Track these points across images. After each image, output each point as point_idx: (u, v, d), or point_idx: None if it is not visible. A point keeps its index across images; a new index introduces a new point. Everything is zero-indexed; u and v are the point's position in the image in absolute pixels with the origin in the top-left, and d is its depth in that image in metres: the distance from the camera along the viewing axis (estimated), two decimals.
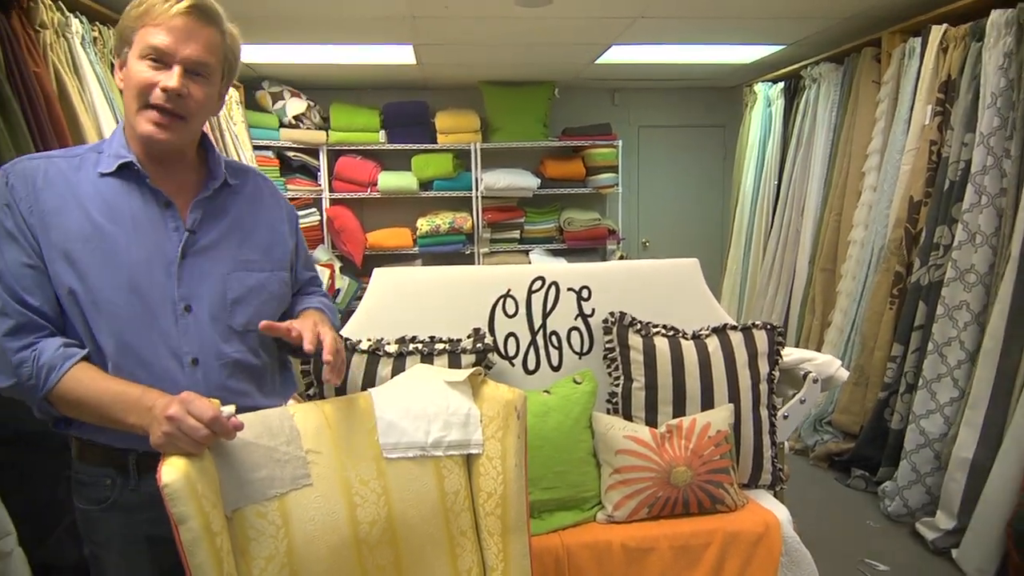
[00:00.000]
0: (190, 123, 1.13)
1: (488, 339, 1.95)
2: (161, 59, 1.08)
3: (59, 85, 2.26)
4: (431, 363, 1.83)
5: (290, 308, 1.34)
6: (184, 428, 0.99)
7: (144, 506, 1.13)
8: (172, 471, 0.96)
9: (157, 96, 1.08)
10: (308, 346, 1.13)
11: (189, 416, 0.99)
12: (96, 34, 2.57)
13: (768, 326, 2.00)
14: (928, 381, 2.76)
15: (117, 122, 2.52)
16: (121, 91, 1.14)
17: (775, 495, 1.99)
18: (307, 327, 1.16)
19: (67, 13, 2.39)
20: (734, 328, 2.00)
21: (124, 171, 1.13)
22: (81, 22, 2.47)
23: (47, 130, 2.10)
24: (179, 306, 1.14)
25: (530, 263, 4.76)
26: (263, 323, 1.15)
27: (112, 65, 2.65)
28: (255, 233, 1.25)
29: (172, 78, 1.08)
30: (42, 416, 1.12)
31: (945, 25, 2.98)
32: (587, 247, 5.01)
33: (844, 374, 2.10)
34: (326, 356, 1.16)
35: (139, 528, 1.14)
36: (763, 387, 1.95)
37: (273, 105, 4.51)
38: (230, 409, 1.04)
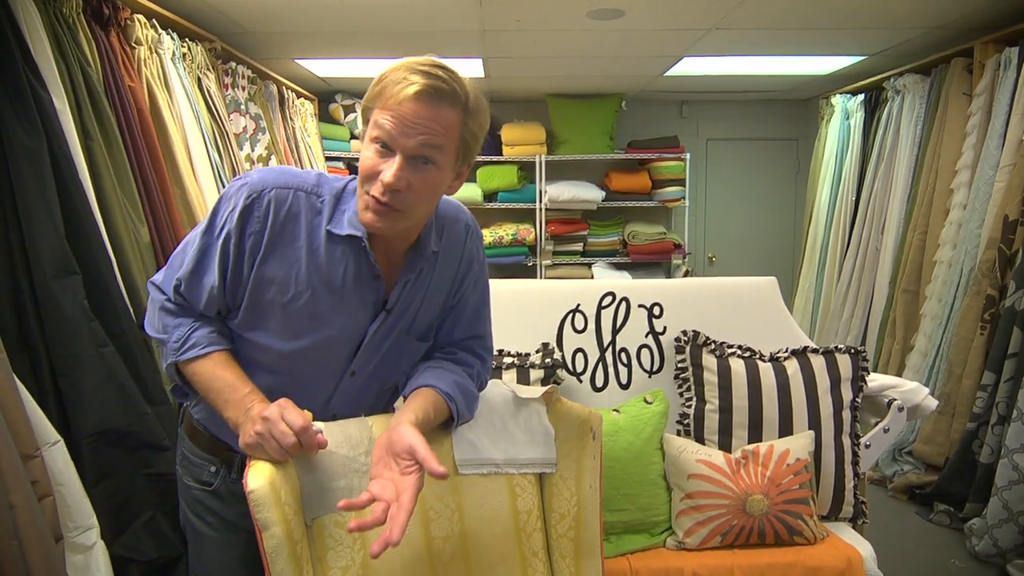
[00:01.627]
0: (408, 213, 1.05)
1: (556, 354, 1.93)
2: (386, 145, 1.01)
3: (151, 98, 2.37)
4: (499, 377, 1.82)
5: (413, 371, 1.21)
6: (275, 432, 0.99)
7: (242, 499, 1.15)
8: (258, 478, 0.98)
9: (376, 188, 1.02)
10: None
11: (282, 421, 1.00)
12: (185, 50, 2.69)
13: (852, 350, 1.90)
14: (1023, 413, 2.57)
15: (203, 135, 2.63)
16: None
17: (856, 528, 1.88)
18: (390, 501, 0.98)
19: (160, 30, 2.51)
20: (815, 351, 1.91)
21: (351, 239, 1.10)
22: (172, 39, 2.59)
23: (139, 140, 2.21)
24: (348, 372, 1.17)
25: (592, 276, 4.71)
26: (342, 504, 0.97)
27: (199, 80, 2.77)
28: (433, 303, 1.22)
29: (391, 170, 1.00)
30: (169, 376, 1.17)
31: None
32: (651, 261, 4.93)
33: (932, 403, 1.98)
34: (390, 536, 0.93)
35: (235, 517, 1.18)
36: (846, 414, 1.85)
37: (345, 117, 4.63)
38: (319, 425, 1.05)
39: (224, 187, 2.69)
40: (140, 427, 1.90)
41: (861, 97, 4.23)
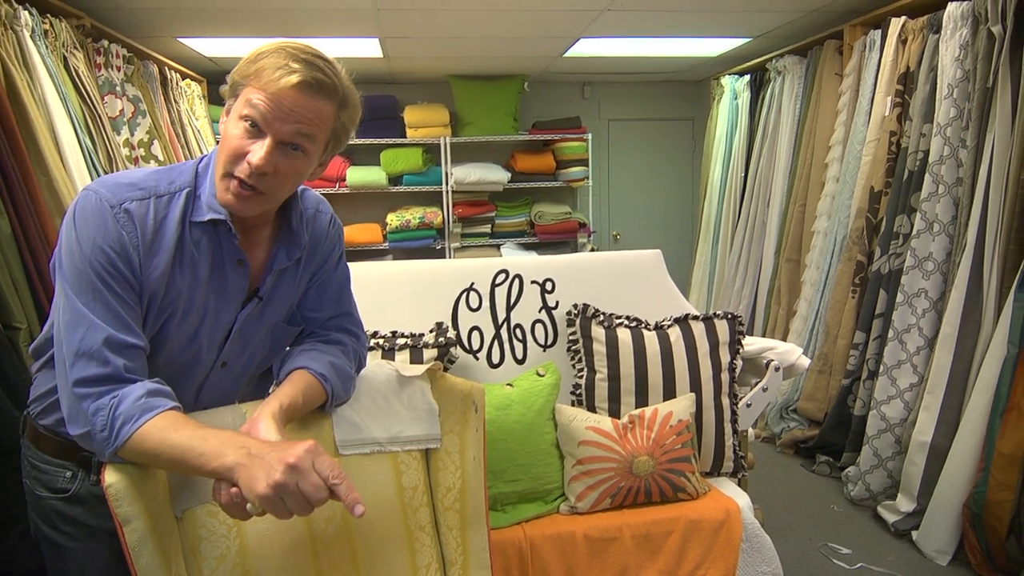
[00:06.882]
0: (270, 197, 1.04)
1: (451, 333, 1.94)
2: (258, 126, 0.99)
3: (7, 80, 2.19)
4: (392, 358, 1.82)
5: (287, 355, 1.19)
6: (304, 486, 0.86)
7: (104, 500, 1.08)
8: (116, 471, 0.94)
9: (242, 169, 0.99)
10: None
11: (314, 471, 0.87)
12: (47, 27, 2.50)
13: (729, 315, 2.02)
14: (889, 367, 2.81)
15: (71, 118, 2.46)
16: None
17: (738, 483, 2.01)
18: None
19: (15, 5, 2.31)
20: (696, 318, 2.02)
21: (213, 223, 1.06)
22: (31, 14, 2.40)
23: None
24: (218, 363, 1.14)
25: (501, 257, 4.75)
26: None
27: (65, 59, 2.58)
28: (300, 290, 1.22)
29: (259, 152, 0.98)
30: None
31: (904, 17, 3.03)
32: (558, 240, 5.02)
33: (805, 362, 2.13)
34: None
35: (99, 521, 1.12)
36: (724, 376, 1.97)
37: None
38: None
39: (99, 174, 2.54)
40: (9, 433, 1.78)
41: (747, 78, 4.44)
